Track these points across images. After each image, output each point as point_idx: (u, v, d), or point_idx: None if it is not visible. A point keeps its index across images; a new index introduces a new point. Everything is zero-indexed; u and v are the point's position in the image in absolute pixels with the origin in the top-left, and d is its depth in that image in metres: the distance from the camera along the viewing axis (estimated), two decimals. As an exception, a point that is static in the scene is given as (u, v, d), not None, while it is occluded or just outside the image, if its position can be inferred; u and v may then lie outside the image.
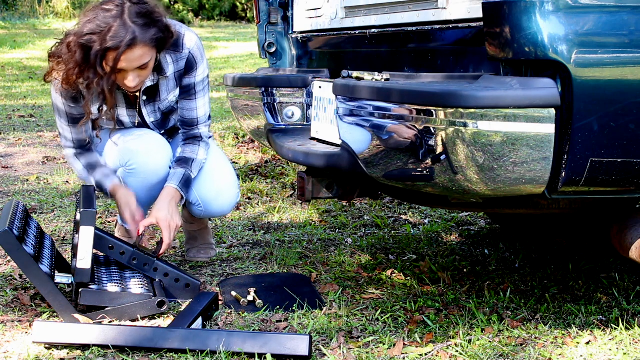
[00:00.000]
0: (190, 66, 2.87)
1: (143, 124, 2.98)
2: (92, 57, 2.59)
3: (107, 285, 2.58)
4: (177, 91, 2.92)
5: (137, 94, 2.88)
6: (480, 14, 2.04)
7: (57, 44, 2.73)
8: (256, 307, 2.63)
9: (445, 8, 2.33)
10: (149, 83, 2.84)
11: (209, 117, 3.02)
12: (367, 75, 2.41)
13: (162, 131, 3.05)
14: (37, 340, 2.29)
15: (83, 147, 2.91)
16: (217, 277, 3.01)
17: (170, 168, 2.91)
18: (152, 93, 2.90)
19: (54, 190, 4.49)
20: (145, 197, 2.93)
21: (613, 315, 2.59)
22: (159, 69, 2.83)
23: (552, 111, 1.93)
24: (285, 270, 3.09)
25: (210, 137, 3.03)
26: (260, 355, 2.22)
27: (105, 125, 2.91)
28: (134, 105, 2.91)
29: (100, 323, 2.46)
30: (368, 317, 2.57)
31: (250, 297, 2.68)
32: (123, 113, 2.90)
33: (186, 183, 2.87)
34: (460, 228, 3.78)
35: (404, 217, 4.00)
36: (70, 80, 2.67)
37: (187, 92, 2.92)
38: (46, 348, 2.30)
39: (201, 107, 2.95)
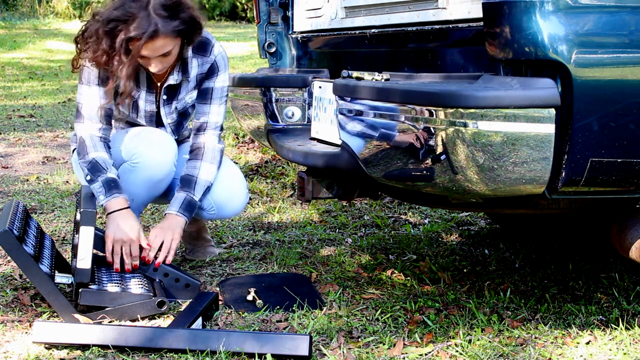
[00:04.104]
0: (212, 71, 2.92)
1: (157, 122, 2.98)
2: (117, 45, 2.67)
3: (107, 285, 2.58)
4: (195, 93, 2.94)
5: (158, 84, 2.91)
6: (480, 14, 2.04)
7: (84, 28, 2.80)
8: (256, 307, 2.63)
9: (445, 8, 2.33)
10: (172, 81, 2.88)
11: (221, 128, 3.00)
12: (367, 75, 2.41)
13: (175, 137, 3.05)
14: (37, 340, 2.29)
15: (107, 125, 2.84)
16: (217, 277, 3.01)
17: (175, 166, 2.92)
18: (173, 93, 2.93)
19: (54, 190, 4.49)
20: (146, 195, 2.93)
21: (613, 315, 2.59)
22: (184, 69, 2.87)
23: (552, 111, 1.93)
24: (285, 270, 3.09)
25: (220, 149, 2.96)
26: (260, 355, 2.22)
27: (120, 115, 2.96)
28: (153, 89, 2.92)
29: (100, 323, 2.46)
30: (368, 317, 2.57)
31: (250, 297, 2.68)
32: (142, 96, 2.91)
33: (188, 207, 2.84)
34: (460, 228, 3.78)
35: (404, 217, 4.00)
36: (98, 63, 2.75)
37: (204, 96, 2.95)
38: (46, 348, 2.30)
39: (214, 113, 2.95)
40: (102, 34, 2.69)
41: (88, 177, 2.74)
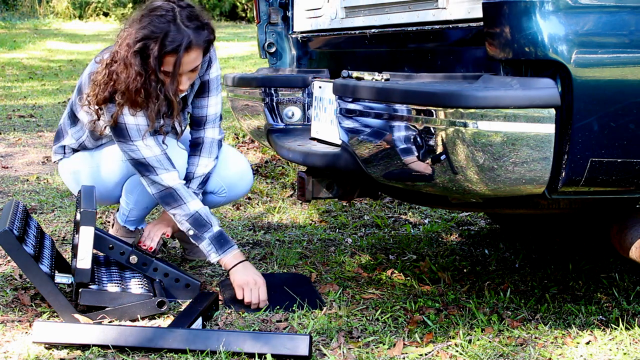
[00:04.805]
0: (208, 65, 2.91)
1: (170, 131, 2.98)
2: (151, 63, 2.59)
3: (107, 285, 2.58)
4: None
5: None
6: (480, 14, 2.04)
7: (109, 80, 2.66)
8: (256, 307, 2.63)
9: (445, 8, 2.33)
10: (184, 93, 2.86)
11: (220, 117, 3.02)
12: (367, 75, 2.41)
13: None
14: (37, 340, 2.29)
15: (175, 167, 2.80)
16: (217, 277, 3.01)
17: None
18: (183, 102, 2.93)
19: (54, 190, 4.49)
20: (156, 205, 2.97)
21: (613, 315, 2.59)
22: None
23: (552, 111, 1.93)
24: (285, 270, 3.09)
25: (219, 139, 2.99)
26: (260, 355, 2.22)
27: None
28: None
29: (100, 323, 2.46)
30: (368, 317, 2.57)
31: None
32: (165, 122, 2.88)
33: None
34: (460, 228, 3.78)
35: (404, 217, 4.00)
36: (135, 97, 2.63)
37: (201, 90, 2.95)
38: (46, 348, 2.30)
39: (212, 105, 2.96)
40: (131, 57, 2.59)
41: (191, 232, 2.72)
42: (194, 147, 2.96)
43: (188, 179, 2.90)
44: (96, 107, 2.72)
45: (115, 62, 2.65)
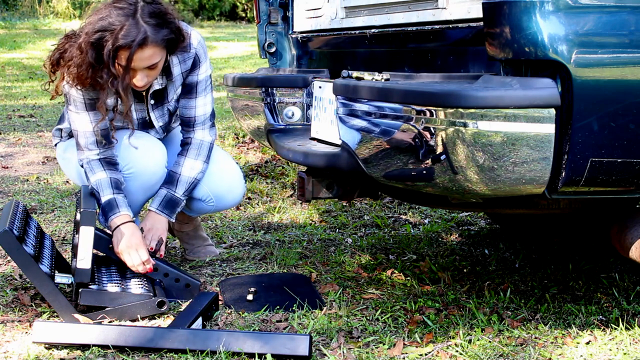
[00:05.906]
0: (194, 64, 2.88)
1: (148, 126, 2.97)
2: (104, 56, 2.58)
3: (107, 285, 2.58)
4: (180, 89, 2.93)
5: (144, 94, 2.88)
6: (480, 14, 2.04)
7: (59, 48, 2.73)
8: (256, 307, 2.63)
9: (445, 8, 2.33)
10: (157, 86, 2.85)
11: (212, 117, 2.99)
12: (367, 75, 2.41)
13: (165, 134, 3.06)
14: (37, 340, 2.29)
15: (105, 146, 2.80)
16: (217, 277, 3.01)
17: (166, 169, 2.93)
18: (160, 96, 2.91)
19: (54, 190, 4.49)
20: (143, 198, 2.95)
21: (613, 315, 2.59)
22: (167, 72, 2.84)
23: (552, 111, 1.93)
24: (285, 270, 3.09)
25: (210, 142, 2.97)
26: (260, 355, 2.22)
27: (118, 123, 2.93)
28: (143, 100, 2.91)
29: (100, 323, 2.47)
30: (368, 317, 2.57)
31: (250, 297, 2.69)
32: (132, 107, 2.89)
33: (168, 203, 2.87)
34: (460, 228, 3.78)
35: (404, 217, 4.00)
36: (82, 80, 2.67)
37: (189, 91, 2.92)
38: (46, 348, 2.30)
39: (200, 106, 2.94)
40: (86, 46, 2.59)
41: (97, 208, 2.75)
42: (183, 147, 2.96)
43: (173, 179, 2.89)
44: (50, 71, 2.80)
45: (74, 38, 2.69)
